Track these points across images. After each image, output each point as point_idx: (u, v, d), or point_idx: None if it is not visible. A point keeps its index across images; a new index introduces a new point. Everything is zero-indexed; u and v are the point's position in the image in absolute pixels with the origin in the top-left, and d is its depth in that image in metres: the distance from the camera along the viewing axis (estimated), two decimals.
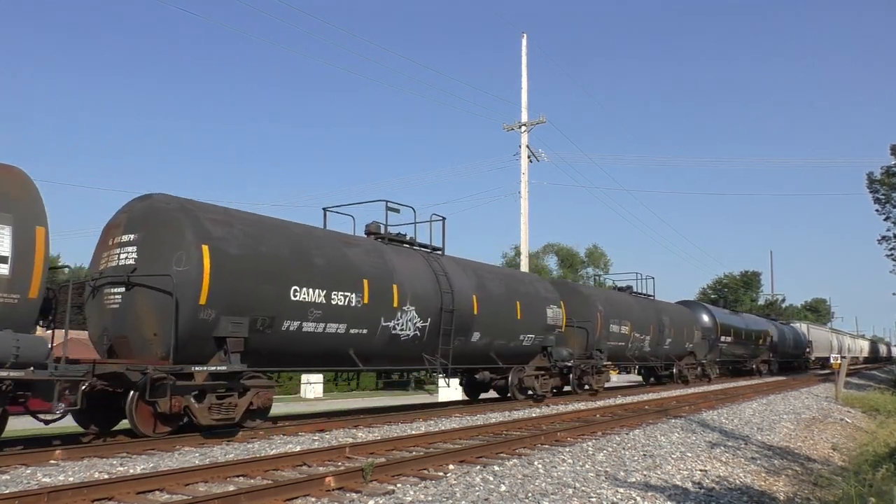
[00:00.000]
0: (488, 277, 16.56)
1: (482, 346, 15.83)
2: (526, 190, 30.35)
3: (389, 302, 13.14)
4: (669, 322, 26.89)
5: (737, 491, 8.35)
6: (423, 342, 14.08)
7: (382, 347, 13.20)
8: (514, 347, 17.04)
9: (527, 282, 18.54)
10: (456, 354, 14.86)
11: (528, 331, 17.39)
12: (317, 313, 11.62)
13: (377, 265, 13.16)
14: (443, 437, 10.69)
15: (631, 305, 24.33)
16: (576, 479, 7.89)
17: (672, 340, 27.10)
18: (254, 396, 10.75)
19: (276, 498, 6.41)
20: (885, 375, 53.94)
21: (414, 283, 13.85)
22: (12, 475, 7.38)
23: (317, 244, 12.22)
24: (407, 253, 14.55)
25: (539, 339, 17.88)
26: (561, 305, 19.04)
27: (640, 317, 24.37)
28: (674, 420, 14.25)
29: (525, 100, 31.13)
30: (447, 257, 15.85)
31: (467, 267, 16.18)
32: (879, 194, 38.89)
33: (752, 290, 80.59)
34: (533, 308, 17.64)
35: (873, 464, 10.84)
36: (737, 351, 35.89)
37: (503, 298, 16.58)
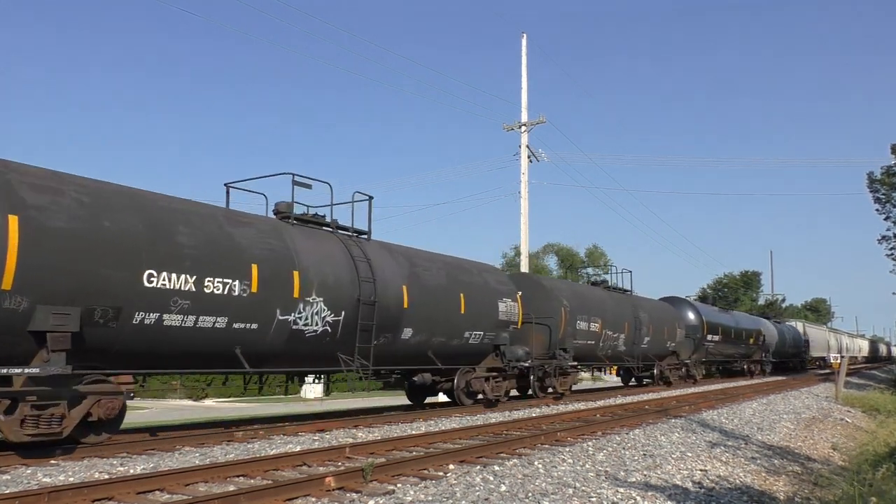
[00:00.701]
0: (425, 266, 14.56)
1: (416, 344, 13.93)
2: (526, 190, 30.38)
3: (288, 291, 11.15)
4: (648, 319, 24.91)
5: (737, 491, 8.35)
6: (337, 339, 12.17)
7: (281, 346, 11.29)
8: (457, 346, 15.20)
9: (475, 272, 16.40)
10: (381, 354, 13.10)
11: (475, 327, 15.54)
12: (183, 304, 9.61)
13: (273, 248, 11.16)
14: (443, 437, 10.69)
15: (603, 301, 22.29)
16: (576, 478, 7.89)
17: (651, 339, 25.12)
18: (93, 405, 8.86)
19: (276, 498, 6.41)
20: (885, 375, 53.93)
21: (323, 270, 11.88)
22: (12, 475, 7.38)
23: (185, 220, 10.04)
24: (318, 235, 12.52)
25: (489, 336, 16.05)
26: (517, 299, 17.19)
27: (613, 313, 22.38)
28: (674, 420, 14.25)
29: (525, 100, 31.17)
30: (375, 242, 13.82)
31: (398, 253, 14.15)
32: (880, 194, 38.91)
33: (752, 290, 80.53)
34: (481, 301, 15.76)
35: (873, 464, 10.84)
36: (726, 350, 34.18)
37: (443, 290, 14.58)
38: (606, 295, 23.17)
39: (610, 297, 23.34)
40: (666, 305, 28.73)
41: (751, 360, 38.63)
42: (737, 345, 35.26)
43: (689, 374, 29.34)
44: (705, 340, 30.37)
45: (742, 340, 35.88)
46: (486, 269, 17.18)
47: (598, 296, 22.49)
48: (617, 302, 23.39)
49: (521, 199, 30.35)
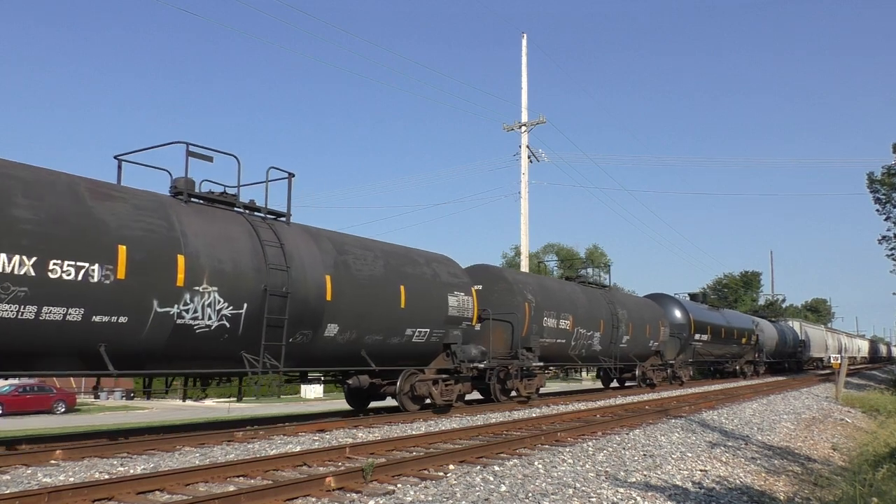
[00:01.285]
0: (357, 253, 12.82)
1: (345, 342, 12.25)
2: (526, 190, 30.36)
3: (170, 279, 9.49)
4: (628, 317, 23.00)
5: (737, 491, 8.36)
6: (240, 337, 10.50)
7: (162, 344, 9.59)
8: (397, 345, 13.52)
9: (421, 262, 14.54)
10: (298, 353, 11.62)
11: (420, 324, 13.82)
12: (19, 291, 8.02)
13: (152, 228, 9.46)
14: (443, 437, 10.69)
15: (574, 296, 20.36)
16: (576, 479, 7.89)
17: (631, 338, 23.19)
18: None
19: (276, 498, 6.41)
20: (885, 375, 53.91)
21: (219, 255, 10.21)
22: (13, 475, 7.38)
23: (25, 189, 8.40)
24: (219, 216, 10.77)
25: (438, 334, 14.32)
26: (472, 293, 15.48)
27: (587, 310, 20.46)
28: (674, 420, 14.25)
29: (525, 100, 31.15)
30: (296, 226, 12.17)
31: (323, 238, 12.47)
32: (880, 194, 38.93)
33: (752, 290, 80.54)
34: (427, 295, 14.03)
35: (873, 464, 10.85)
36: (715, 351, 32.20)
37: (379, 281, 12.91)
38: (580, 290, 21.22)
39: (584, 292, 21.28)
40: (649, 302, 26.84)
41: (744, 361, 37.03)
42: (728, 344, 33.45)
43: (675, 375, 27.70)
44: (693, 340, 28.55)
45: (734, 340, 34.12)
46: (436, 260, 15.26)
47: (570, 291, 20.52)
48: (592, 298, 21.41)
49: (521, 199, 30.34)
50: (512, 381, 17.25)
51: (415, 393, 14.16)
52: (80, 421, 29.59)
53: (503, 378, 17.06)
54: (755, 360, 38.09)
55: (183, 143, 10.59)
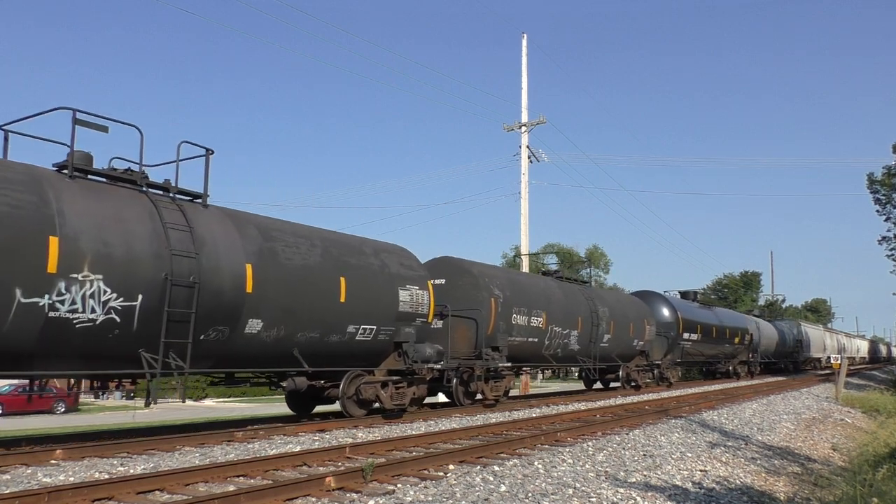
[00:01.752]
0: (288, 241, 11.49)
1: (272, 340, 10.93)
2: (526, 190, 30.37)
3: (37, 264, 8.20)
4: (609, 315, 21.56)
5: (737, 491, 8.36)
6: (135, 333, 9.18)
7: (32, 340, 8.28)
8: (338, 344, 12.21)
9: (368, 252, 13.24)
10: (213, 353, 10.27)
11: (365, 320, 12.53)
12: None
13: (15, 204, 8.17)
14: (443, 437, 10.69)
15: (549, 292, 18.97)
16: (576, 479, 7.89)
17: (613, 337, 21.80)
18: None
19: (276, 498, 6.41)
20: (885, 376, 53.91)
21: (107, 238, 8.89)
22: (13, 475, 7.38)
23: None
24: (112, 194, 9.43)
25: (386, 332, 13.08)
26: (428, 287, 14.17)
27: (562, 306, 19.08)
28: (674, 420, 14.25)
29: (525, 100, 31.16)
30: (214, 209, 10.84)
31: (248, 224, 11.12)
32: (880, 195, 38.93)
33: (753, 291, 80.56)
34: (373, 288, 12.77)
35: (873, 464, 10.85)
36: (706, 350, 30.74)
37: (314, 272, 11.59)
38: (556, 285, 19.80)
39: (560, 287, 19.87)
40: (634, 300, 25.48)
41: (737, 361, 35.57)
42: (719, 344, 32.01)
43: (663, 376, 26.30)
44: (681, 339, 27.13)
45: (725, 339, 32.66)
46: (387, 250, 13.92)
47: (544, 286, 19.08)
48: (569, 294, 19.96)
49: (521, 199, 30.34)
50: (476, 383, 15.91)
51: (360, 396, 12.80)
52: (81, 421, 29.59)
53: (466, 379, 15.79)
54: (749, 361, 36.83)
55: (70, 108, 9.26)
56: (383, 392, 13.16)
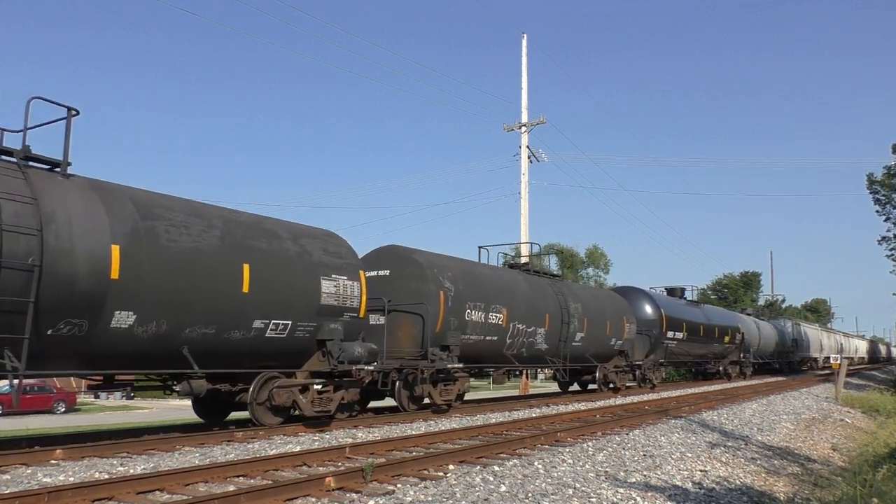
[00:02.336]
0: (175, 220, 9.77)
1: (150, 337, 9.28)
2: (526, 190, 30.39)
3: None
4: (583, 311, 19.89)
5: (737, 491, 8.36)
6: None
7: None
8: (242, 342, 10.52)
9: (283, 236, 11.53)
10: (71, 351, 8.74)
11: (276, 314, 10.94)
12: None
13: None
14: (443, 437, 10.69)
15: (513, 286, 17.15)
16: (576, 479, 7.89)
17: (587, 336, 20.05)
18: None
19: (276, 498, 6.41)
20: (884, 376, 53.90)
21: None
22: (12, 475, 7.38)
23: None
24: None
25: (306, 328, 11.49)
26: (359, 278, 12.53)
27: (527, 302, 17.38)
28: (674, 420, 14.25)
29: (525, 100, 31.17)
30: (77, 179, 9.18)
31: (120, 198, 9.36)
32: (880, 195, 38.94)
33: (752, 291, 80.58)
34: (287, 277, 11.15)
35: (873, 464, 10.86)
36: (694, 350, 29.03)
37: (207, 257, 9.96)
38: (521, 279, 18.01)
39: (527, 281, 18.11)
40: (612, 296, 23.80)
41: (728, 362, 34.05)
42: (707, 343, 30.41)
43: (645, 377, 24.69)
44: (665, 338, 25.53)
45: (714, 339, 31.03)
46: (309, 235, 12.23)
47: (507, 279, 17.29)
48: (536, 288, 18.21)
49: (521, 199, 30.35)
50: (421, 386, 14.02)
51: (273, 402, 11.19)
52: (80, 421, 29.58)
53: (410, 382, 14.02)
54: (741, 361, 35.26)
55: None
56: (302, 397, 11.51)
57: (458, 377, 15.15)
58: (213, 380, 10.69)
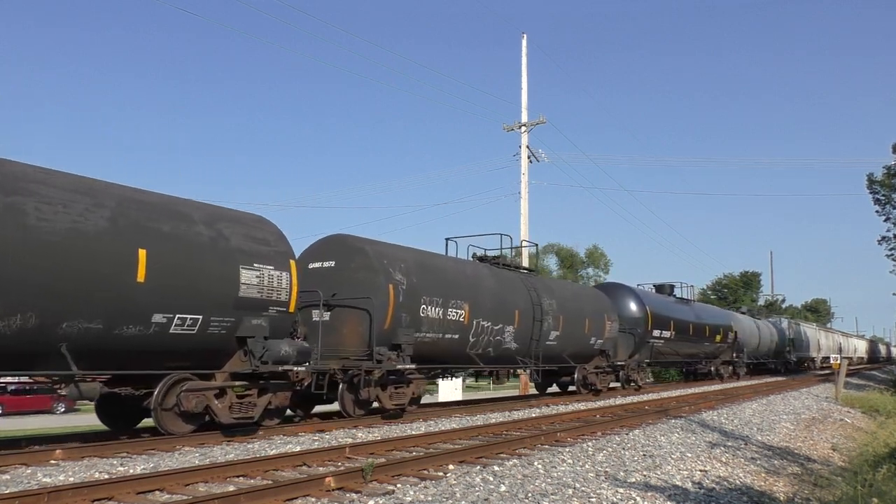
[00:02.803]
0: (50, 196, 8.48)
1: (14, 332, 8.02)
2: (526, 190, 30.36)
3: None
4: (558, 308, 18.44)
5: (737, 491, 8.36)
6: None
7: None
8: (138, 338, 9.24)
9: (194, 219, 10.21)
10: None
11: (182, 307, 9.60)
12: None
13: None
14: (443, 437, 10.69)
15: (477, 280, 15.72)
16: (576, 479, 7.89)
17: (563, 334, 18.60)
18: None
19: (276, 498, 6.41)
20: (884, 376, 53.90)
21: None
22: (12, 475, 7.38)
23: None
24: None
25: (222, 323, 10.15)
26: (289, 267, 11.20)
27: (494, 297, 15.94)
28: (673, 420, 14.25)
29: (525, 100, 31.14)
30: None
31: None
32: (879, 195, 38.94)
33: (752, 291, 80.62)
34: (197, 265, 9.80)
35: (873, 464, 10.86)
36: (682, 350, 27.65)
37: (93, 239, 8.71)
38: (487, 272, 16.48)
39: (494, 275, 16.65)
40: (593, 292, 22.41)
41: (720, 362, 32.48)
42: (697, 343, 28.97)
43: (629, 378, 23.43)
44: (651, 337, 24.09)
45: (705, 338, 29.66)
46: (229, 219, 10.86)
47: (468, 272, 15.71)
48: (504, 282, 16.78)
49: (521, 199, 30.34)
50: (367, 388, 12.60)
51: (181, 408, 9.86)
52: (80, 421, 29.58)
53: (353, 385, 12.66)
54: (733, 361, 33.81)
55: None
56: (217, 402, 10.28)
57: (413, 379, 13.71)
58: (113, 383, 9.69)
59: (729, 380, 32.77)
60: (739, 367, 34.56)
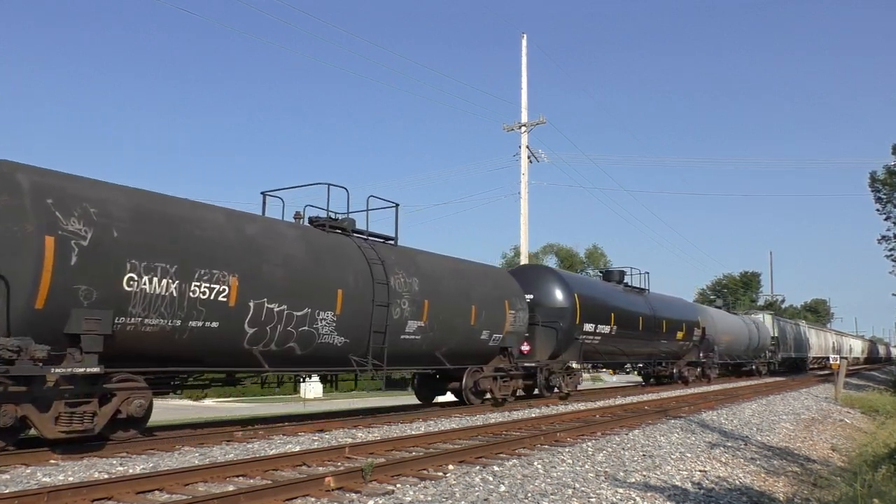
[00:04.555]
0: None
1: None
2: (526, 190, 30.36)
3: None
4: (421, 289, 13.69)
5: (736, 491, 8.36)
6: None
7: None
8: None
9: None
10: None
11: None
12: None
13: None
14: (442, 437, 10.69)
15: (258, 242, 10.86)
16: (575, 479, 7.89)
17: (431, 325, 13.88)
18: None
19: (276, 498, 6.41)
20: (884, 376, 53.90)
21: None
22: (12, 475, 7.37)
23: None
24: None
25: None
26: None
27: (294, 269, 11.23)
28: (673, 420, 14.25)
29: (525, 100, 31.14)
30: None
31: None
32: (881, 193, 38.95)
33: (752, 291, 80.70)
34: None
35: (873, 464, 10.86)
36: (631, 348, 23.33)
37: None
38: (292, 234, 11.70)
39: (300, 238, 11.80)
40: (488, 272, 17.27)
41: (684, 363, 28.06)
42: (651, 340, 24.32)
43: (550, 384, 18.55)
44: (581, 332, 19.45)
45: (662, 334, 25.05)
46: None
47: (248, 232, 10.86)
48: (318, 249, 11.91)
49: (521, 199, 30.33)
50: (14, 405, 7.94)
51: None
52: None
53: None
54: (701, 362, 29.27)
55: None
56: None
57: (117, 390, 9.00)
58: None
59: (696, 384, 28.50)
60: (710, 369, 30.20)
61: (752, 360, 38.12)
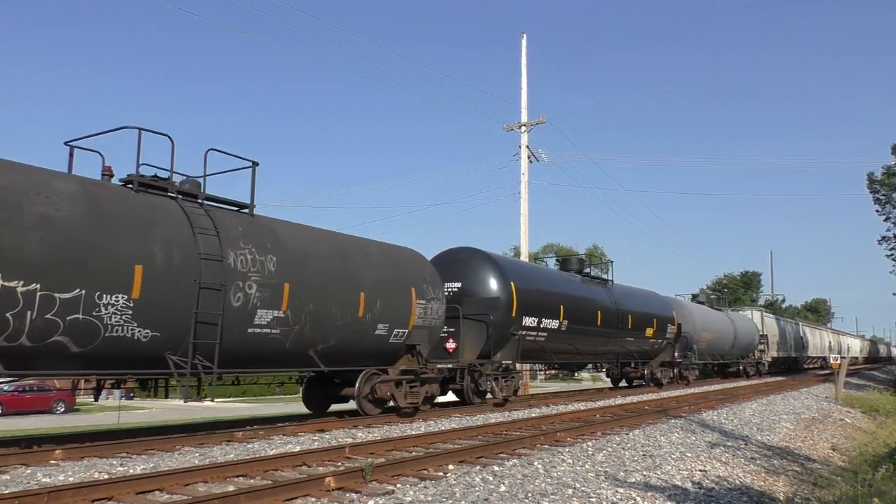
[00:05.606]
0: None
1: None
2: (526, 190, 30.35)
3: None
4: (279, 270, 10.93)
5: (736, 491, 8.36)
6: None
7: None
8: None
9: None
10: None
11: None
12: None
13: None
14: (443, 437, 10.69)
15: (16, 202, 8.06)
16: (575, 479, 7.89)
17: (295, 317, 11.10)
18: None
19: (276, 498, 6.40)
20: (884, 376, 53.90)
21: None
22: (12, 475, 7.38)
23: None
24: None
25: None
26: None
27: (69, 240, 8.43)
28: (673, 420, 14.25)
29: (525, 100, 31.14)
30: None
31: None
32: (880, 195, 38.97)
33: (752, 291, 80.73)
34: None
35: (873, 464, 10.86)
36: (587, 347, 20.29)
37: None
38: (52, 180, 8.72)
39: (75, 198, 8.75)
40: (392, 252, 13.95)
41: (657, 363, 25.32)
42: (612, 337, 21.34)
43: (478, 389, 15.78)
44: (519, 327, 16.78)
45: (626, 331, 22.07)
46: None
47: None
48: (107, 216, 9.01)
49: (520, 199, 30.33)
50: None
51: None
52: (80, 421, 29.59)
53: None
54: (677, 361, 26.40)
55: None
56: None
57: None
58: None
59: (672, 387, 25.81)
60: (687, 370, 27.44)
61: (739, 360, 35.40)
